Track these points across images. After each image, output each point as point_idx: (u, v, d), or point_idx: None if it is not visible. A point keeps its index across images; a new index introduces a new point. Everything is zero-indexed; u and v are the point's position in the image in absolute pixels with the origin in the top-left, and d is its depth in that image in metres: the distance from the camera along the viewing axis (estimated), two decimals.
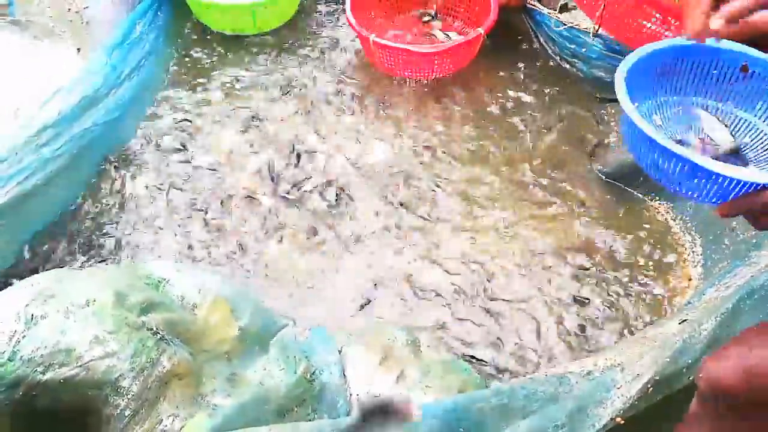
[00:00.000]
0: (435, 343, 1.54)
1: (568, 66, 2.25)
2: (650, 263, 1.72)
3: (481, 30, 2.11)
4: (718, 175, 1.16)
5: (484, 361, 1.52)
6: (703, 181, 1.20)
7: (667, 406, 1.16)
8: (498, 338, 1.57)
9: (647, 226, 1.81)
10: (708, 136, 1.50)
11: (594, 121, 2.09)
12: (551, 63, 2.28)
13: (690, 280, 1.66)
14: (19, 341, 1.03)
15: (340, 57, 2.32)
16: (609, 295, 1.66)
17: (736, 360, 0.97)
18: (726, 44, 1.45)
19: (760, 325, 1.08)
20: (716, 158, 1.39)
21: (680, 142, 1.44)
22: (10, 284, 1.16)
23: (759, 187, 1.12)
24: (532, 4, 2.25)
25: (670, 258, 1.73)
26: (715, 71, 1.47)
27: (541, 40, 2.32)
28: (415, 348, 1.38)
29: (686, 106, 1.55)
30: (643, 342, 1.37)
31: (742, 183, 1.15)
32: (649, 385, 1.15)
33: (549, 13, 2.21)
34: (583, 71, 2.21)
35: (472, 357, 1.53)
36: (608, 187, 1.91)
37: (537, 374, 1.36)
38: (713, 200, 1.24)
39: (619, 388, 1.16)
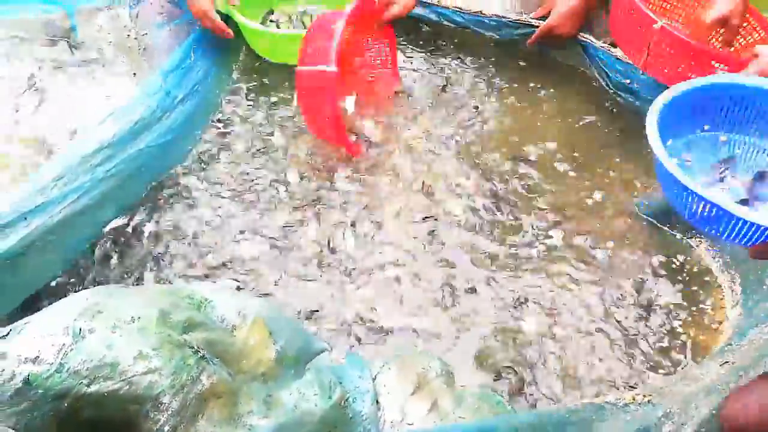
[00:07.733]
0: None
1: (621, 100, 2.24)
2: (687, 302, 1.69)
3: None
4: (744, 221, 1.17)
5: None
6: (731, 224, 1.20)
7: None
8: (527, 367, 1.56)
9: (685, 264, 1.79)
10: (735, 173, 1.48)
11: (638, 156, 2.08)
12: (605, 96, 2.28)
13: (727, 320, 1.62)
14: (66, 354, 1.06)
15: None
16: (644, 333, 1.63)
17: (756, 399, 0.96)
18: (760, 80, 1.44)
19: None
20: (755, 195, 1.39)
21: (722, 179, 1.44)
22: (58, 299, 1.20)
23: None
24: (584, 38, 2.26)
25: (708, 297, 1.70)
26: (747, 109, 1.47)
27: (595, 72, 2.32)
28: (448, 378, 1.38)
29: (716, 141, 1.54)
30: (684, 383, 1.34)
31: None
32: None
33: (601, 46, 2.22)
34: (637, 105, 2.18)
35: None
36: (647, 223, 1.89)
37: (573, 403, 1.35)
38: (743, 243, 1.24)
39: None
